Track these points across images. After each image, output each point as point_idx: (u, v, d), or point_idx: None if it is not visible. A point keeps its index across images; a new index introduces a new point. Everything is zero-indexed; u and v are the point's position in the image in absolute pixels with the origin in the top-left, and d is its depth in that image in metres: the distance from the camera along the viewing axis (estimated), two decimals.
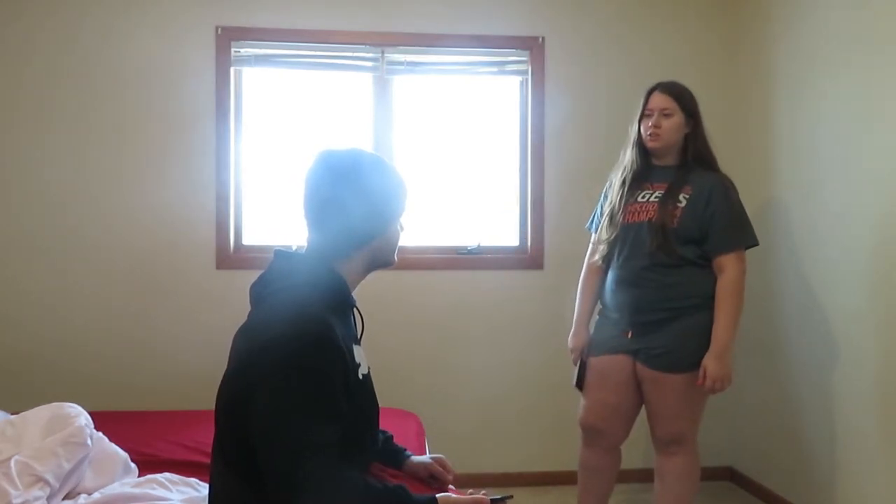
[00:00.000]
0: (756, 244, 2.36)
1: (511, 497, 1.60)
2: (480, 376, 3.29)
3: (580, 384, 2.48)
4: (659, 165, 2.41)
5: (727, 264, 2.28)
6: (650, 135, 2.36)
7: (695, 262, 2.30)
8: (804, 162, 2.89)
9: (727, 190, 2.33)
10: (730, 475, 3.41)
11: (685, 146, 2.39)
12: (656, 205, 2.32)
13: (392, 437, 1.81)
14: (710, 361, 2.25)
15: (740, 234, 2.32)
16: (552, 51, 3.31)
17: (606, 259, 2.44)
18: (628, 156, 2.44)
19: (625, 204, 2.38)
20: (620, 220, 2.38)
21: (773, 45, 3.10)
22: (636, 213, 2.36)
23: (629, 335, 2.36)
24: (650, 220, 2.32)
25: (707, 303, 2.30)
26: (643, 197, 2.37)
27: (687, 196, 2.31)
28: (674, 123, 2.35)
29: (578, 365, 2.49)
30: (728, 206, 2.30)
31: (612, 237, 2.39)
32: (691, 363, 2.28)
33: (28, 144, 3.09)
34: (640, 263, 2.32)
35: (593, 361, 2.45)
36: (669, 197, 2.31)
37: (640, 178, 2.40)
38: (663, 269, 2.29)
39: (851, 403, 2.60)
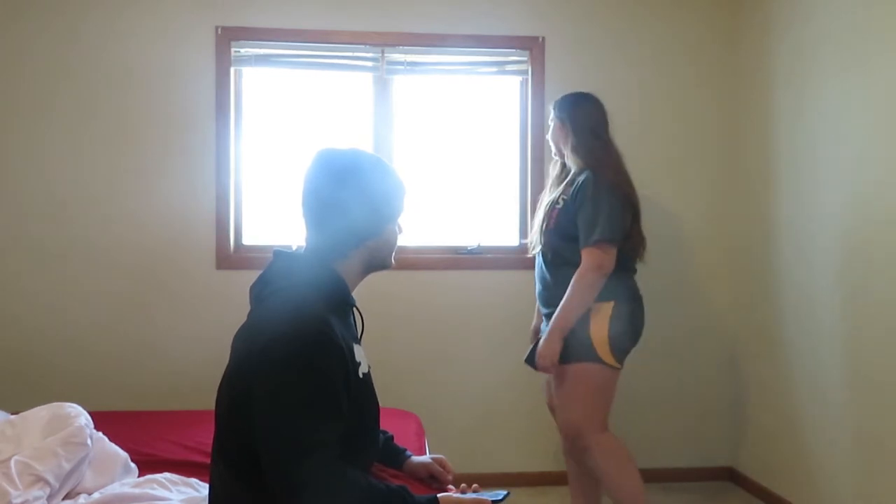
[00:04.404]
0: (611, 238, 2.35)
1: (508, 494, 1.60)
2: (480, 376, 3.29)
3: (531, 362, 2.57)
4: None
5: (583, 257, 2.38)
6: None
7: (571, 261, 2.41)
8: (804, 162, 2.88)
9: (590, 186, 2.38)
10: (730, 475, 3.41)
11: None
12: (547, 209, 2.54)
13: (392, 437, 1.82)
14: (541, 340, 2.42)
15: (593, 228, 2.35)
16: (552, 51, 3.31)
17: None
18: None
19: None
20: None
21: (772, 45, 3.10)
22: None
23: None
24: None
25: None
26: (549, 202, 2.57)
27: (566, 198, 2.46)
28: (553, 130, 2.57)
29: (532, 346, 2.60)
30: (587, 202, 2.37)
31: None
32: (570, 354, 2.38)
33: (28, 144, 3.09)
34: (539, 262, 2.57)
35: None
36: (554, 200, 2.50)
37: (557, 185, 2.58)
38: (549, 269, 2.51)
39: (852, 404, 2.60)
